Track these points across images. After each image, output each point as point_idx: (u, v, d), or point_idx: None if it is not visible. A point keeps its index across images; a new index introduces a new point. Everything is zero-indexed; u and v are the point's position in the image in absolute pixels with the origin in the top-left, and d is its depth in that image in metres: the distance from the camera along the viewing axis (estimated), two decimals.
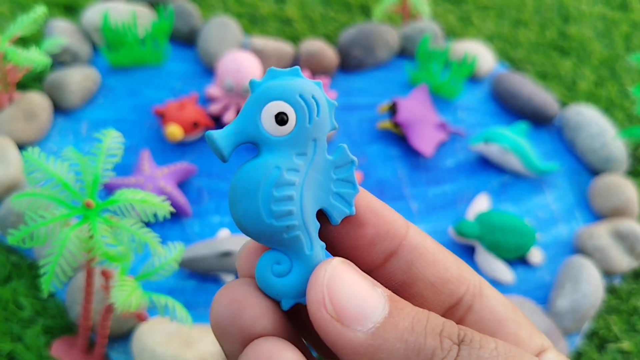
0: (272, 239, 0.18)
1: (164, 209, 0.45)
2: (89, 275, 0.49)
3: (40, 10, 0.63)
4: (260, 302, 0.18)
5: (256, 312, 0.17)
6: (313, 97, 0.18)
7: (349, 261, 0.17)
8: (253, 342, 0.17)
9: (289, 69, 0.18)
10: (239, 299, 0.17)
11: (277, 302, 0.18)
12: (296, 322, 0.19)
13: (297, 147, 0.18)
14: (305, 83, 0.18)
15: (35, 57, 0.63)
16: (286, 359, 0.16)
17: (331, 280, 0.17)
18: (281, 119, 0.18)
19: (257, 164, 0.18)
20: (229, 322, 0.17)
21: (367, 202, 0.19)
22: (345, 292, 0.16)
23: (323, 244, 0.18)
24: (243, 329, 0.17)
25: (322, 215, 0.19)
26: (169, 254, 0.47)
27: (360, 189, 0.19)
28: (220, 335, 0.17)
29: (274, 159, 0.18)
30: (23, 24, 0.62)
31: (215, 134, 0.18)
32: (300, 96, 0.18)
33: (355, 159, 0.19)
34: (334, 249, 0.19)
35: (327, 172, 0.18)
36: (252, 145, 0.18)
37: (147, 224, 0.46)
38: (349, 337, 0.16)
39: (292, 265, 0.18)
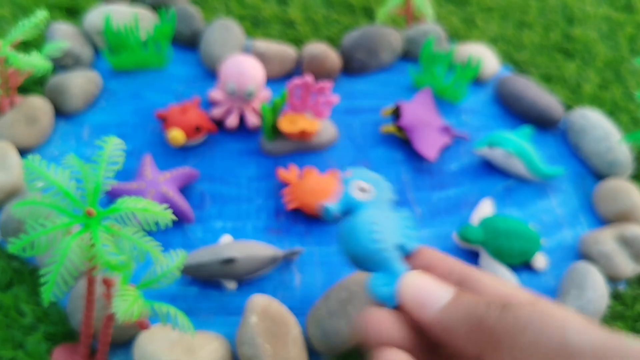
0: (371, 259, 0.29)
1: (166, 217, 0.45)
2: (90, 284, 0.49)
3: (41, 15, 0.63)
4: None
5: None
6: (379, 180, 0.32)
7: (424, 271, 0.27)
8: (381, 350, 0.25)
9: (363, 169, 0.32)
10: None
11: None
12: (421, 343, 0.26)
13: (378, 207, 0.31)
14: (373, 174, 0.32)
15: (36, 62, 0.62)
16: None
17: (413, 281, 0.27)
18: (362, 189, 0.31)
19: (359, 217, 0.30)
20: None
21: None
22: (422, 287, 0.26)
23: (408, 266, 0.29)
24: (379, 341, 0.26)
25: None
26: (171, 262, 0.47)
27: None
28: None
29: (369, 213, 0.31)
30: (25, 28, 0.62)
31: (331, 209, 0.31)
32: (374, 179, 0.32)
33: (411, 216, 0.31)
34: None
35: (397, 222, 0.31)
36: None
37: (149, 231, 0.46)
38: (427, 314, 0.25)
39: (390, 280, 0.29)
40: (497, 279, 0.26)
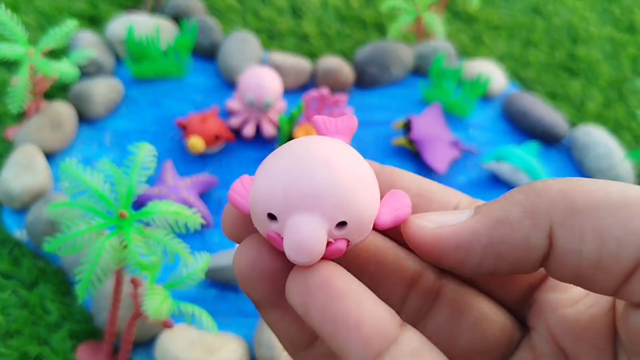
0: None
1: (195, 220, 0.47)
2: (118, 283, 0.51)
3: (71, 24, 0.65)
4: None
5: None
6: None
7: None
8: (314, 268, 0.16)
9: None
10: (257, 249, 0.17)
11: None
12: None
13: None
14: None
15: (65, 69, 0.65)
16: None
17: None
18: None
19: None
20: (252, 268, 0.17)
21: None
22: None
23: None
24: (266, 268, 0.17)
25: None
26: (196, 264, 0.49)
27: None
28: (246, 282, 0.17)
29: None
30: (55, 37, 0.64)
31: None
32: None
33: None
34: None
35: None
36: None
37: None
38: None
39: None
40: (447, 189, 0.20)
